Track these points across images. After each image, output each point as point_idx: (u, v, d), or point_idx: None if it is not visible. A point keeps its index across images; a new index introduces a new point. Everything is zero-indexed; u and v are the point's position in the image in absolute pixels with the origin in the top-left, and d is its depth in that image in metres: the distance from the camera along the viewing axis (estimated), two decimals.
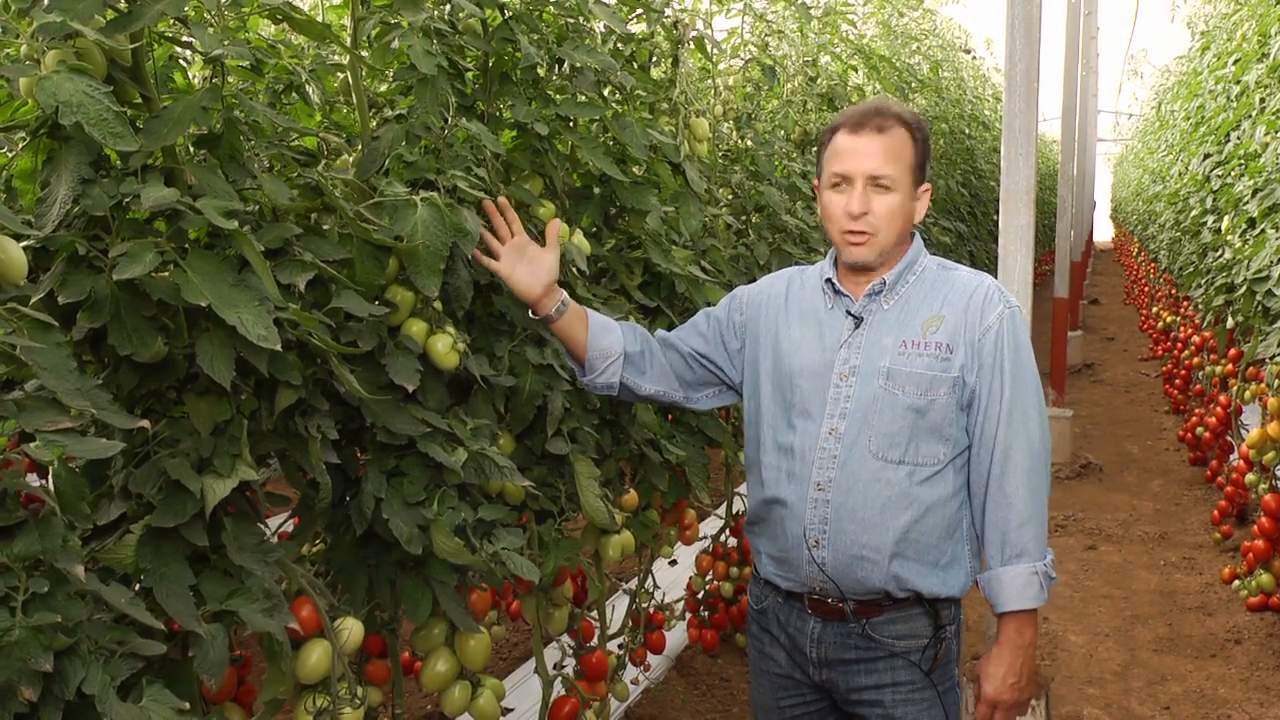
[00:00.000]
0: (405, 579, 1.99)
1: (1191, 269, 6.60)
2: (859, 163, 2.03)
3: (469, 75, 2.39)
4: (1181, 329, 8.23)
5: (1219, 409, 5.95)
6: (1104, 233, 31.05)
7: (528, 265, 2.11)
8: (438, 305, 2.03)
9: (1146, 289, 13.68)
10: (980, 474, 2.05)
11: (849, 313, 2.09)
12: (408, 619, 2.03)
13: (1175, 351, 8.41)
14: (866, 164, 2.02)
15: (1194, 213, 6.76)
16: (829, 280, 2.13)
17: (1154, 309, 11.18)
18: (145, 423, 1.42)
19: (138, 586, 1.51)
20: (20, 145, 1.59)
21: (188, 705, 1.35)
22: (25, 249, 1.39)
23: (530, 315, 2.19)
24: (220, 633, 1.51)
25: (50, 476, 1.38)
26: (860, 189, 2.03)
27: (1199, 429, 6.57)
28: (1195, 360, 7.33)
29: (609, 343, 2.19)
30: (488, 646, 2.13)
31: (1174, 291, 9.34)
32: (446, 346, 1.99)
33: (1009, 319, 2.05)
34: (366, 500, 1.87)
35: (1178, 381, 8.14)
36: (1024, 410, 2.03)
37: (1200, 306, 6.06)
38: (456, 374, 2.08)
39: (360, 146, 2.08)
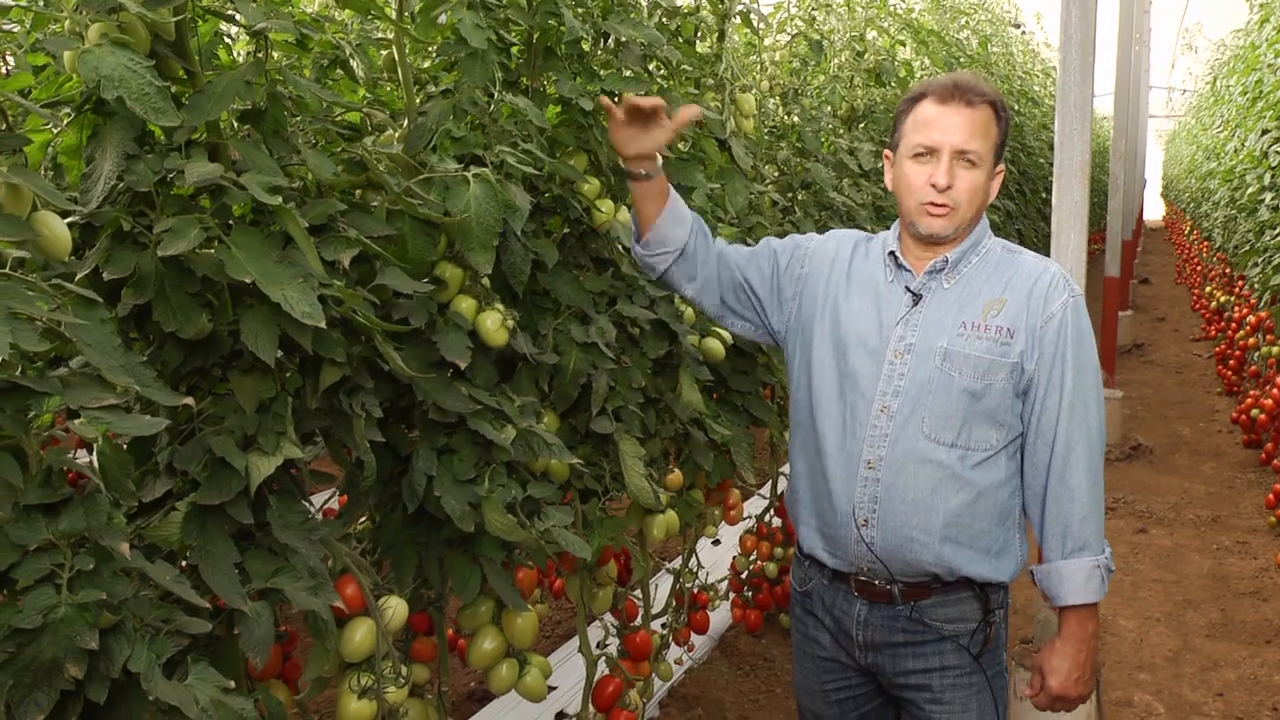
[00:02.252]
0: (454, 557, 1.98)
1: (1248, 247, 6.47)
2: (947, 135, 1.97)
3: (514, 50, 2.37)
4: (1236, 309, 8.08)
5: (1275, 390, 5.84)
6: (1154, 211, 30.56)
7: (635, 131, 2.06)
8: (486, 282, 2.01)
9: (1199, 268, 13.46)
10: (1038, 465, 2.00)
11: (908, 289, 2.05)
12: (456, 597, 2.02)
13: (1229, 332, 8.26)
14: (955, 137, 1.96)
15: (1251, 190, 6.62)
16: (892, 253, 2.09)
17: (1207, 288, 10.99)
18: (190, 400, 1.41)
19: (183, 564, 1.51)
20: (66, 121, 1.59)
21: (233, 683, 1.35)
22: (71, 225, 1.39)
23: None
24: (265, 610, 1.51)
25: (95, 453, 1.38)
26: (947, 162, 1.97)
27: (1254, 411, 6.45)
28: (1250, 340, 7.20)
29: (674, 234, 2.16)
30: (535, 625, 2.12)
31: (1228, 270, 9.18)
32: (496, 323, 1.98)
33: (1073, 308, 2.00)
34: (418, 478, 1.87)
35: (1231, 362, 8.00)
36: (1085, 401, 1.98)
37: (1256, 285, 5.94)
38: (501, 351, 2.06)
39: (405, 122, 2.06)
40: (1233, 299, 8.58)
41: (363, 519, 2.10)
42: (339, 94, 2.09)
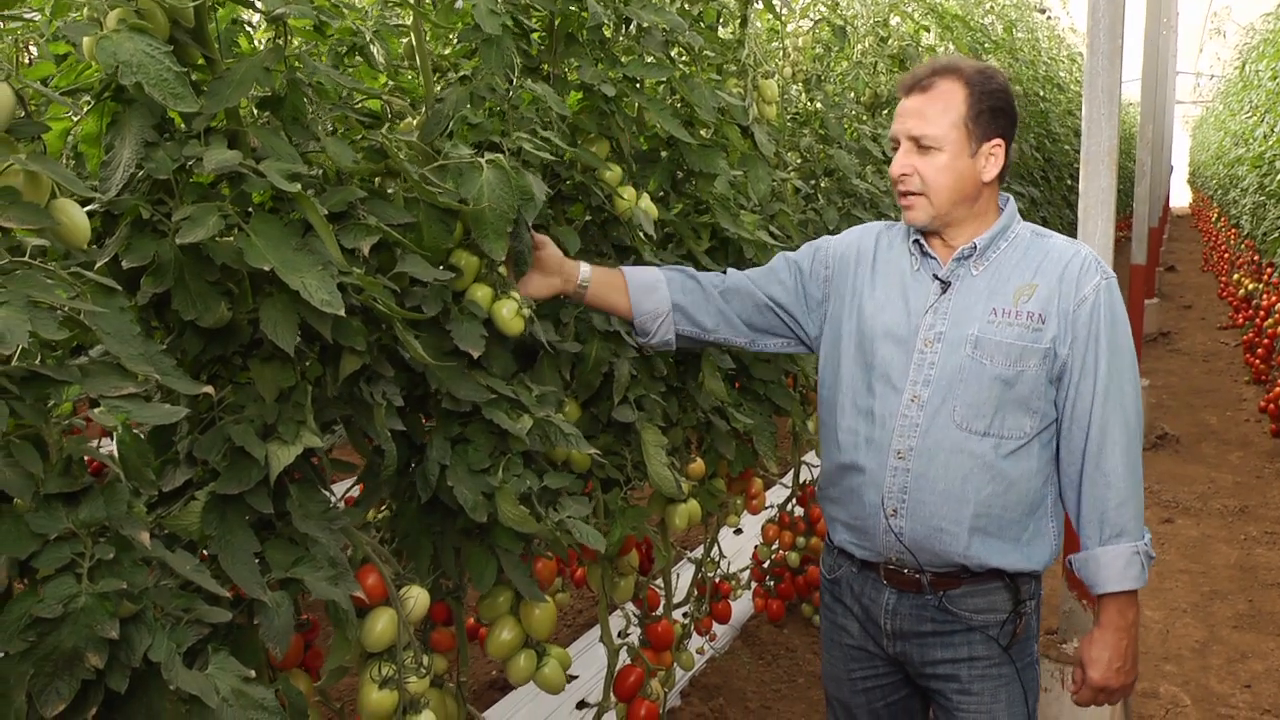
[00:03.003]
0: (470, 547, 1.97)
1: (1277, 234, 6.39)
2: (901, 123, 2.01)
3: (534, 36, 2.35)
4: (1264, 296, 8.00)
5: None
6: (1180, 198, 30.28)
7: (537, 273, 2.06)
8: (502, 270, 1.99)
9: (1226, 255, 13.34)
10: (1073, 451, 1.98)
11: (936, 276, 2.03)
12: (473, 587, 2.01)
13: (1258, 320, 8.18)
14: (907, 124, 1.99)
15: None
16: (917, 240, 2.06)
17: (1234, 276, 10.89)
18: (209, 388, 1.40)
19: (203, 553, 1.50)
20: (86, 109, 1.58)
21: (254, 673, 1.34)
22: (90, 213, 1.38)
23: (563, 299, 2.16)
24: (285, 600, 1.50)
25: (115, 442, 1.37)
26: (903, 150, 2.00)
27: None
28: (1279, 329, 7.11)
29: (654, 304, 2.16)
30: (553, 616, 2.10)
31: (1256, 258, 9.08)
32: (511, 312, 1.96)
33: (1106, 290, 1.97)
34: (431, 467, 1.85)
35: (1260, 350, 7.92)
36: (1120, 385, 1.95)
37: None
38: (522, 340, 2.05)
39: (424, 109, 2.05)
40: (1261, 287, 8.50)
41: (383, 508, 2.09)
42: (358, 80, 2.08)
